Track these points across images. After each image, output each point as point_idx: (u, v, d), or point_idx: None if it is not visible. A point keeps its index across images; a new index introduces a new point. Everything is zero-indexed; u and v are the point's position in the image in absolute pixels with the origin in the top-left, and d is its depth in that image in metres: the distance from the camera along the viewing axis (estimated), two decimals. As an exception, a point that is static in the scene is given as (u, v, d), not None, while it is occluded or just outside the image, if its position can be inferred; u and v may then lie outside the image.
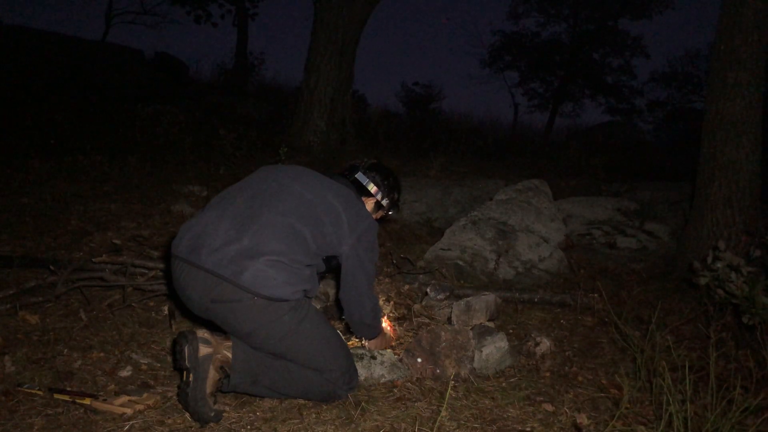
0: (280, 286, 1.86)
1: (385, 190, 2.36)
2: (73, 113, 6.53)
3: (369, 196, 2.33)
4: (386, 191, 2.37)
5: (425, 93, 19.03)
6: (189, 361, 1.83)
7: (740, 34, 3.77)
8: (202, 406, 1.84)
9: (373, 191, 2.33)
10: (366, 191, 2.32)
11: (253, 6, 15.70)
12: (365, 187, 2.32)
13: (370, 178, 2.34)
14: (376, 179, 2.34)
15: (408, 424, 1.94)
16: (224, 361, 1.88)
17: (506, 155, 8.16)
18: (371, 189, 2.32)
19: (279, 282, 1.85)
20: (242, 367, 1.91)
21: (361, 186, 2.32)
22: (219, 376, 1.88)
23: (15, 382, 2.09)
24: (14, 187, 4.60)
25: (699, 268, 2.71)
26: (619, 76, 20.36)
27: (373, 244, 2.15)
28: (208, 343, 1.87)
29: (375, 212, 2.37)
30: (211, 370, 1.85)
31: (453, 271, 3.65)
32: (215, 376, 1.86)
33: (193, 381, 1.83)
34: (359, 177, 2.33)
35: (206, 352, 1.85)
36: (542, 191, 4.51)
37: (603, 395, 2.25)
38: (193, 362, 1.84)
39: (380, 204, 2.36)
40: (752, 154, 3.82)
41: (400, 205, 2.54)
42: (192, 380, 1.83)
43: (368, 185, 2.33)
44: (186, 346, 1.84)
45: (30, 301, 2.74)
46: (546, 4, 19.84)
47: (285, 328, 1.91)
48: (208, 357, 1.85)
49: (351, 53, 7.73)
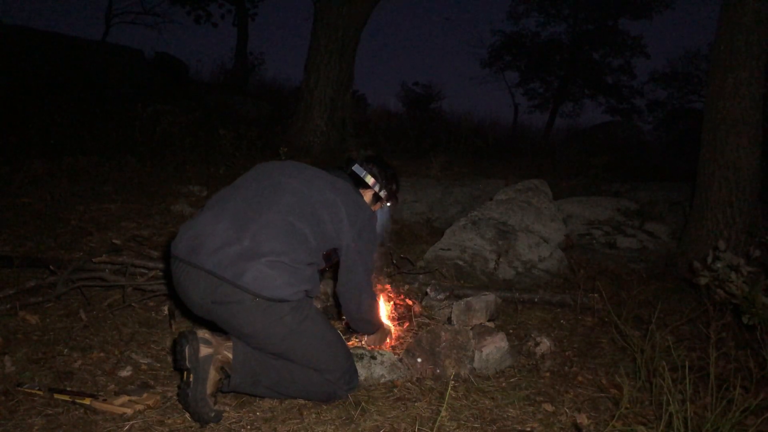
0: (282, 287, 1.85)
1: (382, 182, 2.36)
2: (73, 113, 6.52)
3: (367, 188, 2.33)
4: (384, 182, 2.36)
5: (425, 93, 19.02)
6: (189, 361, 1.83)
7: (740, 34, 3.78)
8: (203, 407, 1.84)
9: (371, 183, 2.32)
10: (364, 183, 2.32)
11: (253, 6, 15.70)
12: (363, 179, 2.32)
13: (367, 170, 2.33)
14: (374, 171, 2.34)
15: (408, 424, 1.94)
16: (225, 361, 1.88)
17: (506, 155, 8.15)
18: (369, 181, 2.32)
19: (280, 283, 1.85)
20: (243, 368, 1.91)
21: (359, 178, 2.31)
22: (219, 376, 1.88)
23: (15, 382, 2.09)
24: (14, 187, 4.60)
25: (699, 268, 2.71)
26: (619, 76, 20.37)
27: (373, 237, 2.16)
28: (209, 344, 1.87)
29: (373, 204, 2.37)
30: (211, 371, 1.85)
31: (453, 271, 3.65)
32: (216, 377, 1.86)
33: (193, 381, 1.83)
34: (356, 169, 2.33)
35: (207, 353, 1.85)
36: (542, 191, 4.51)
37: (603, 395, 2.25)
38: (193, 363, 1.83)
39: (378, 196, 2.36)
40: (752, 154, 3.82)
41: (398, 197, 2.53)
42: (192, 381, 1.83)
43: (366, 177, 2.32)
44: (186, 346, 1.83)
45: (30, 301, 2.74)
46: (546, 4, 19.84)
47: (286, 328, 1.91)
48: (209, 357, 1.85)
49: (351, 53, 7.72)
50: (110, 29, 15.82)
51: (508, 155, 8.16)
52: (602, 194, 5.70)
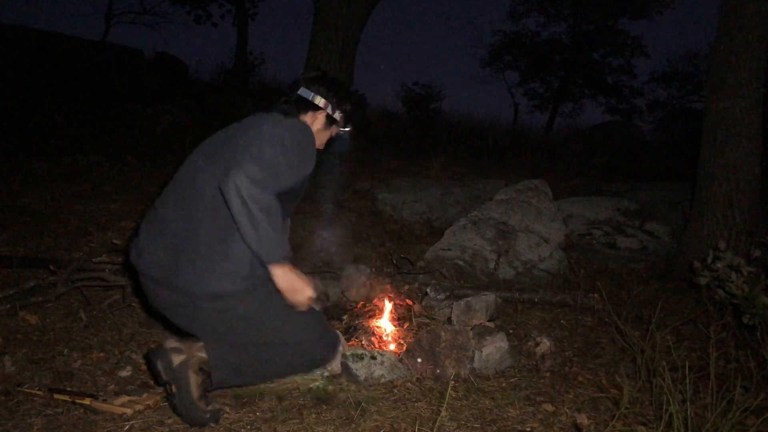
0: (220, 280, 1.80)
1: (334, 101, 2.11)
2: (73, 113, 6.52)
3: (318, 110, 2.10)
4: (336, 102, 2.12)
5: (425, 93, 19.02)
6: (166, 374, 1.83)
7: (740, 34, 3.78)
8: (194, 411, 1.84)
9: (322, 104, 2.09)
10: (313, 106, 2.09)
11: (253, 6, 15.69)
12: (311, 102, 2.08)
13: (314, 91, 2.10)
14: (321, 91, 2.10)
15: (408, 424, 1.94)
16: (201, 361, 1.87)
17: (506, 155, 8.15)
18: (319, 102, 2.09)
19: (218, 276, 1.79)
20: (220, 363, 1.89)
21: (306, 102, 2.09)
22: (201, 377, 1.86)
23: (15, 382, 2.09)
24: (14, 187, 4.60)
25: (699, 268, 2.71)
26: (619, 76, 20.36)
27: (291, 147, 1.83)
28: (180, 351, 1.85)
29: (328, 128, 2.14)
30: (191, 375, 1.84)
31: (453, 271, 3.65)
32: (197, 380, 1.85)
33: (177, 391, 1.83)
34: (302, 92, 2.10)
35: (180, 360, 1.84)
36: (542, 191, 4.51)
37: (603, 395, 2.25)
38: (170, 374, 1.83)
39: (332, 118, 2.12)
40: (752, 154, 3.82)
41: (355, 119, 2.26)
42: (176, 390, 1.83)
43: (314, 99, 2.09)
44: (158, 361, 1.83)
45: (30, 301, 2.74)
46: (546, 4, 19.83)
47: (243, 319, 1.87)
48: (184, 364, 1.84)
49: (351, 53, 7.71)
50: (110, 29, 15.80)
51: (508, 155, 8.16)
52: (602, 194, 5.70)
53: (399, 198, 5.28)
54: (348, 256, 3.94)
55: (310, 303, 1.89)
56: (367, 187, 5.63)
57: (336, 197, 5.11)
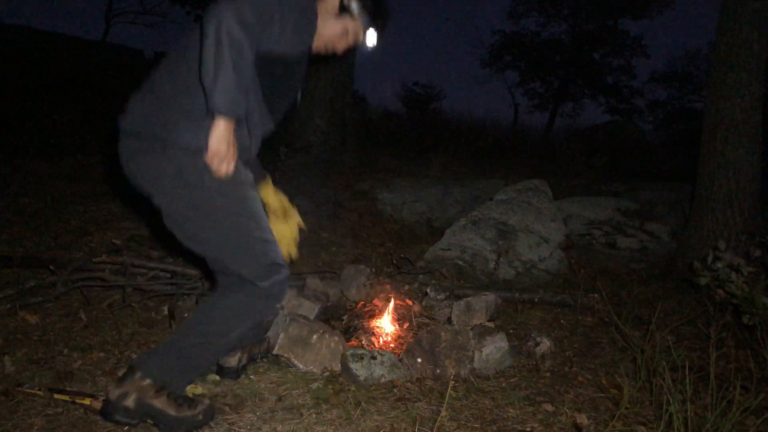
0: (195, 132, 1.66)
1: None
2: (73, 113, 6.52)
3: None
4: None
5: (425, 93, 19.04)
6: (133, 419, 1.82)
7: (740, 34, 3.78)
8: (183, 423, 1.83)
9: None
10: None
11: (253, 6, 15.68)
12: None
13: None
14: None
15: (408, 424, 1.94)
16: (151, 387, 1.83)
17: (506, 155, 8.15)
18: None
19: (194, 128, 1.66)
20: (167, 376, 1.84)
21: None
22: (161, 397, 1.82)
23: (15, 382, 2.09)
24: (14, 187, 4.60)
25: (699, 268, 2.71)
26: (619, 76, 20.40)
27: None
28: (126, 394, 1.81)
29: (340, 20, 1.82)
30: (153, 403, 1.82)
31: (453, 271, 3.65)
32: (161, 402, 1.82)
33: (155, 421, 1.83)
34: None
35: (133, 399, 1.81)
36: (542, 191, 4.51)
37: (603, 395, 2.25)
38: (136, 416, 1.82)
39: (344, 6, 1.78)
40: (752, 154, 3.82)
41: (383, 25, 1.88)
42: (155, 421, 1.83)
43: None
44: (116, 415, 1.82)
45: (30, 301, 2.74)
46: (546, 4, 19.86)
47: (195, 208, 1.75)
48: (140, 400, 1.81)
49: (351, 53, 7.72)
50: (110, 29, 15.84)
51: (508, 155, 8.16)
52: (602, 194, 5.71)
53: (399, 198, 5.29)
54: (348, 256, 3.95)
55: (224, 176, 1.69)
56: (367, 187, 5.63)
57: (336, 197, 5.11)
